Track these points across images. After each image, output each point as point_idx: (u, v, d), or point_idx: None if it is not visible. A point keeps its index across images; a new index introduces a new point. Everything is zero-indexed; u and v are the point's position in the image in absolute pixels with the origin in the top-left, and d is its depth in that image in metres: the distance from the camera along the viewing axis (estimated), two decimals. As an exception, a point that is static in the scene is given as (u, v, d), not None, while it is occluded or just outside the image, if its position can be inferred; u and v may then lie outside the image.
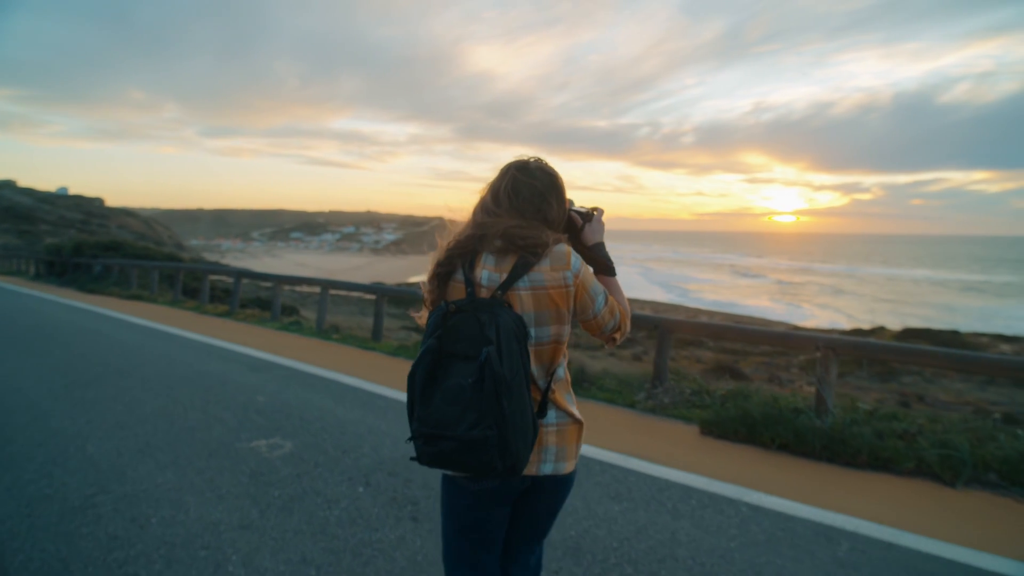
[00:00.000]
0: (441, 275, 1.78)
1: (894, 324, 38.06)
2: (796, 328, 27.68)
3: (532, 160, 1.88)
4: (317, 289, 11.14)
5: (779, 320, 39.53)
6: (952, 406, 12.37)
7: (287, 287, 19.17)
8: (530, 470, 1.79)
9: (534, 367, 1.77)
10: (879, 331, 28.36)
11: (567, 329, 1.78)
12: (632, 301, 43.46)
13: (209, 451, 4.61)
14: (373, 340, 9.60)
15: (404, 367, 7.92)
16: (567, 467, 1.85)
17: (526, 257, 1.72)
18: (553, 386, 1.83)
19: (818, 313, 50.92)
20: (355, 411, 5.75)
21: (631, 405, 6.35)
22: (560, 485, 1.89)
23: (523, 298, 1.71)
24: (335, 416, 5.56)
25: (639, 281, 74.62)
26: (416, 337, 10.65)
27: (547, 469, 1.81)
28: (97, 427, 5.07)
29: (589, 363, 7.58)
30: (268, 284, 20.66)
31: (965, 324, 37.98)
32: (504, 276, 1.72)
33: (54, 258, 20.53)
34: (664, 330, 6.59)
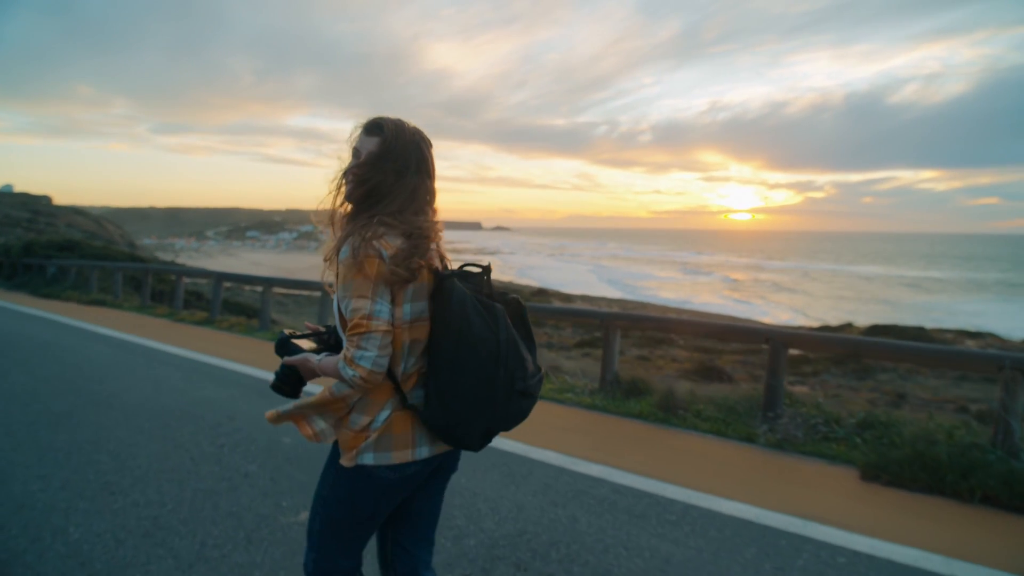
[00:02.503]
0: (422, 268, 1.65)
1: (839, 319, 38.29)
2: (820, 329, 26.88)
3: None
4: (281, 290, 9.73)
5: (740, 318, 39.02)
6: (935, 404, 11.77)
7: (248, 288, 17.63)
8: (444, 445, 1.73)
9: None
10: (847, 327, 27.90)
11: None
12: (591, 299, 42.54)
13: (246, 532, 3.26)
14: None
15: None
16: None
17: None
18: None
19: (772, 311, 50.75)
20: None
21: (749, 439, 5.14)
22: (459, 457, 1.87)
23: None
24: (394, 465, 4.24)
25: (590, 279, 73.96)
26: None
27: None
28: (79, 492, 3.67)
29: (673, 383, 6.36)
30: (229, 285, 19.03)
31: (910, 318, 38.62)
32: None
33: (2, 259, 18.54)
34: (778, 344, 5.41)
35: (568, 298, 48.25)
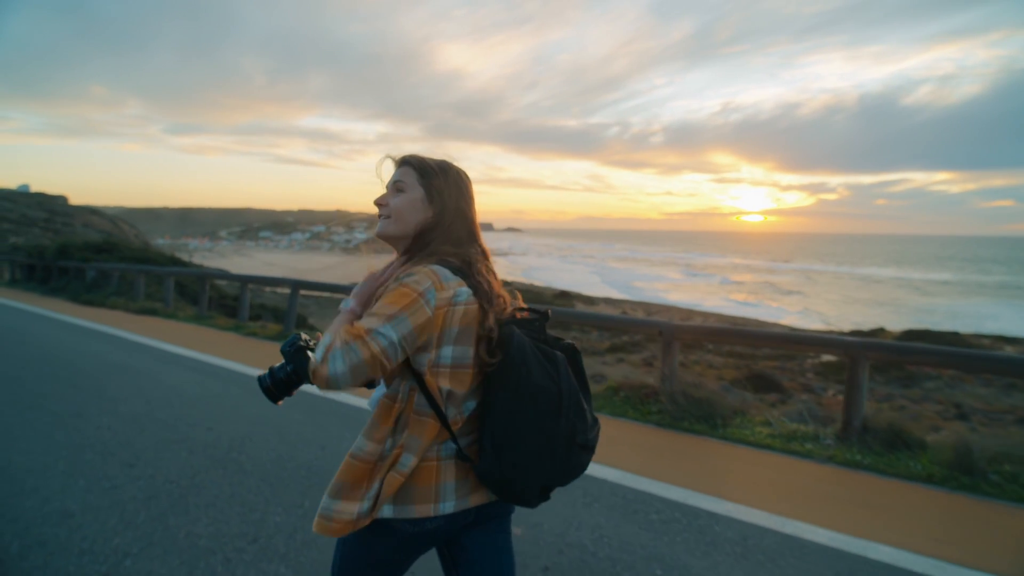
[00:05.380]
0: None
1: (859, 322, 37.14)
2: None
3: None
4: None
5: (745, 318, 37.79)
6: (993, 415, 10.66)
7: (272, 289, 16.32)
8: (479, 497, 1.57)
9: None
10: (879, 332, 26.48)
11: None
12: (613, 303, 40.92)
13: None
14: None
15: (633, 433, 5.24)
16: None
17: None
18: None
19: (786, 315, 49.24)
20: (665, 539, 3.06)
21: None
22: (509, 508, 1.66)
23: None
24: (676, 565, 2.87)
25: (593, 280, 72.73)
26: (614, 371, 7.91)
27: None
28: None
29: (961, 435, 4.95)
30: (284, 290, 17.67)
31: (928, 321, 38.39)
32: None
33: (35, 261, 17.22)
34: None
35: (591, 300, 46.85)
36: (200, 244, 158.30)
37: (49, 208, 57.27)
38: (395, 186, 1.60)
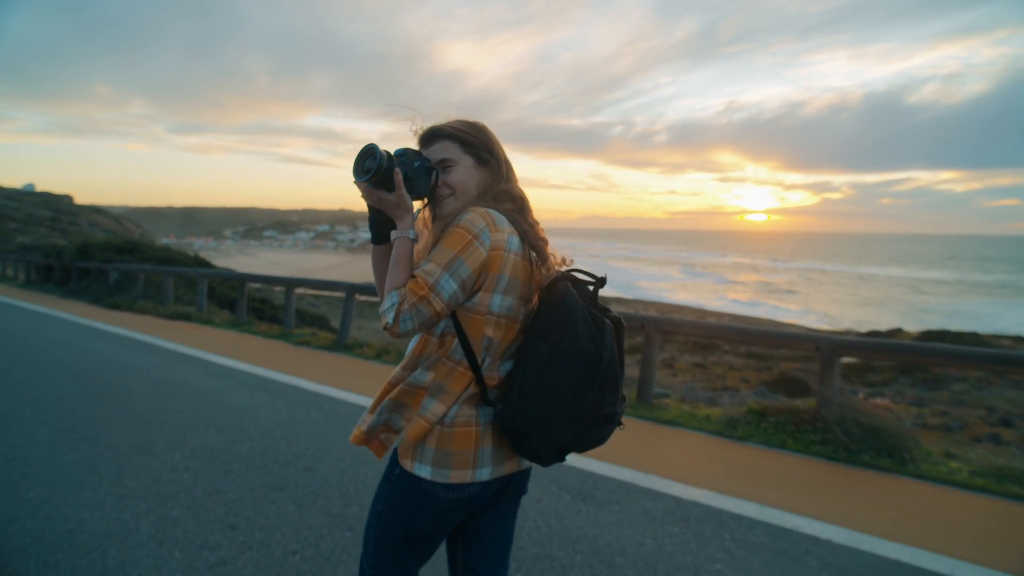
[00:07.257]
0: None
1: (867, 323, 36.45)
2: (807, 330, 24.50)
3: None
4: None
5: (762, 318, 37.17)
6: None
7: (289, 290, 15.39)
8: (512, 465, 1.56)
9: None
10: (897, 333, 25.60)
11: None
12: (624, 302, 39.92)
13: None
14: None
15: (806, 470, 4.37)
16: None
17: None
18: None
19: (793, 316, 48.49)
20: None
21: None
22: (528, 478, 1.68)
23: None
24: None
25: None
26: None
27: (525, 462, 1.60)
28: None
29: None
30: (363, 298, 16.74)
31: (936, 321, 38.14)
32: None
33: (53, 261, 16.34)
34: None
35: (604, 301, 46.20)
36: (205, 243, 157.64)
37: (55, 207, 56.85)
38: (440, 164, 1.55)
